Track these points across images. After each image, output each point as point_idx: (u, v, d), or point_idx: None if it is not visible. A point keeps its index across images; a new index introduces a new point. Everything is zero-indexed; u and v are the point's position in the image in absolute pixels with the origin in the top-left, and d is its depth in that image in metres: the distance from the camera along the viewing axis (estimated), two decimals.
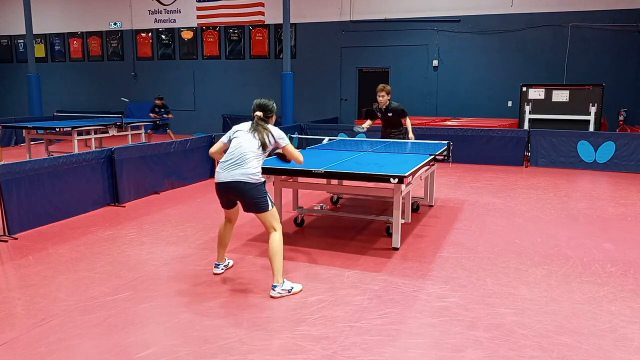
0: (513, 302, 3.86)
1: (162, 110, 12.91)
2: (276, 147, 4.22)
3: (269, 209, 4.02)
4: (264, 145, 4.05)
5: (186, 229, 5.83)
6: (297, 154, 4.25)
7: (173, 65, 17.28)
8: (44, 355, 3.08)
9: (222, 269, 4.46)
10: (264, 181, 4.09)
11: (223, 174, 4.02)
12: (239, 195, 4.04)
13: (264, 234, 5.61)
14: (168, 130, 13.06)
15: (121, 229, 5.80)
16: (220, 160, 4.10)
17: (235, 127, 4.21)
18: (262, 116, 4.16)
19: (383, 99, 7.25)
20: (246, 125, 4.16)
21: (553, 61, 13.30)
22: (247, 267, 4.58)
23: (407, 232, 5.65)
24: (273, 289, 3.96)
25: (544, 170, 9.95)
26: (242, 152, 4.00)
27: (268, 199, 4.04)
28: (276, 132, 4.16)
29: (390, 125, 7.49)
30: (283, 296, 3.94)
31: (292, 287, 4.03)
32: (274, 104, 4.29)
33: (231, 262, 4.62)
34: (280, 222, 4.14)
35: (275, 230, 4.04)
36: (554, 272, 4.51)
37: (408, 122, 7.39)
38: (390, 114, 7.33)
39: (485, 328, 3.45)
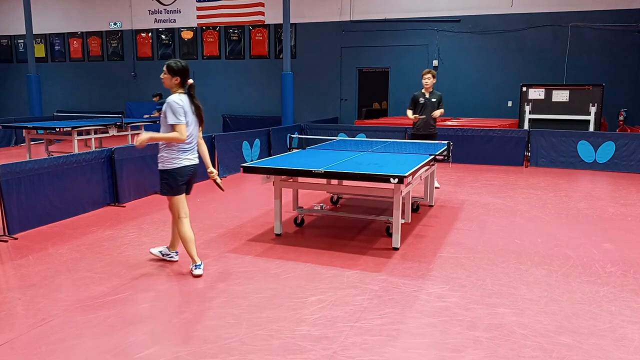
0: (513, 302, 3.86)
1: (158, 106, 12.60)
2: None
3: None
4: (200, 121, 4.41)
5: None
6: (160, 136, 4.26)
7: None
8: (44, 355, 3.08)
9: (201, 267, 4.45)
10: None
11: (191, 157, 4.41)
12: (195, 178, 4.52)
13: (264, 233, 5.62)
14: None
15: (121, 229, 5.80)
16: (183, 147, 4.32)
17: (180, 104, 4.23)
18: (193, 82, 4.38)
19: (429, 81, 7.46)
20: (186, 100, 4.29)
21: (553, 61, 13.30)
22: (247, 267, 4.58)
23: (407, 232, 5.65)
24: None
25: (544, 170, 9.95)
26: (194, 135, 4.40)
27: None
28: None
29: (429, 112, 7.59)
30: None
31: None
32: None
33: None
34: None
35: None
36: (554, 272, 4.51)
37: (442, 110, 7.67)
38: (434, 100, 7.59)
39: (485, 328, 3.45)
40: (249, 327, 3.44)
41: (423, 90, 7.73)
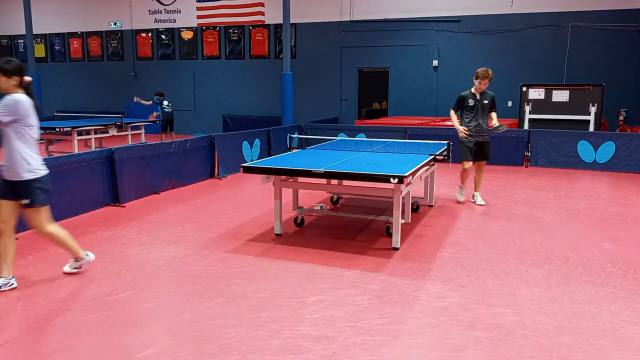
0: (513, 302, 3.86)
1: (156, 101, 12.98)
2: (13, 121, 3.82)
3: None
4: None
5: (186, 229, 5.83)
6: None
7: (173, 65, 17.28)
8: (44, 355, 3.08)
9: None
10: None
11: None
12: None
13: (264, 233, 5.62)
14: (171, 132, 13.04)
15: (121, 229, 5.80)
16: (35, 151, 3.97)
17: (28, 103, 3.85)
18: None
19: (485, 86, 6.83)
20: (29, 101, 3.86)
21: (553, 61, 13.30)
22: (246, 268, 4.58)
23: (407, 232, 5.65)
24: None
25: (544, 170, 9.95)
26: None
27: None
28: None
29: (481, 115, 6.93)
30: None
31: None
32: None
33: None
34: None
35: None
36: (554, 272, 4.51)
37: (494, 114, 7.05)
38: (486, 101, 6.90)
39: (485, 328, 3.45)
40: (249, 327, 3.44)
41: (473, 91, 6.92)
